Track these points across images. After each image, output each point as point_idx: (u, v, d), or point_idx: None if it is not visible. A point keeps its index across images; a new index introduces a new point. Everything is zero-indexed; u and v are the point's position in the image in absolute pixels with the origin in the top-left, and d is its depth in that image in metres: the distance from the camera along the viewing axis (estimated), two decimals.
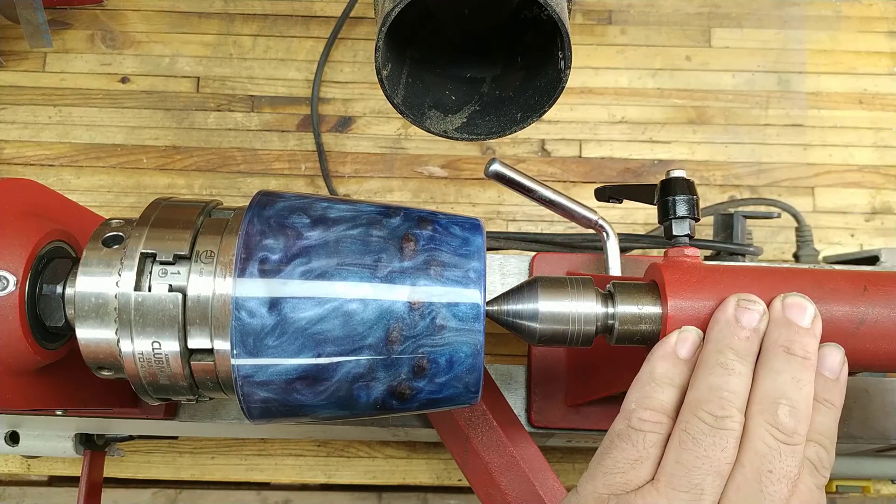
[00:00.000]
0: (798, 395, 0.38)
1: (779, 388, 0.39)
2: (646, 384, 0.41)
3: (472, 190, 1.00)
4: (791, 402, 0.38)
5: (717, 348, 0.40)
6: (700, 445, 0.38)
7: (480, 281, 0.42)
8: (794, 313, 0.40)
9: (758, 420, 0.38)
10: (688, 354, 0.41)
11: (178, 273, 0.42)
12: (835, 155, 1.02)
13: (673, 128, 1.02)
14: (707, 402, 0.38)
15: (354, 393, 0.41)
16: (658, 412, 0.40)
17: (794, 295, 0.41)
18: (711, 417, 0.38)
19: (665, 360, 0.41)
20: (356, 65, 1.04)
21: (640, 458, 0.39)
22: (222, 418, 0.65)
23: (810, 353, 0.40)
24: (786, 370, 0.39)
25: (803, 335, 0.40)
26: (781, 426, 0.38)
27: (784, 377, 0.39)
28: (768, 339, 0.40)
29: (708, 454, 0.37)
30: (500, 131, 0.53)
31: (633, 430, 0.40)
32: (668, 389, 0.41)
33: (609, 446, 0.41)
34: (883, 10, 1.07)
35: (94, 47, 1.03)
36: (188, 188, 0.99)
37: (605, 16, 1.06)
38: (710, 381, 0.39)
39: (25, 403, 0.48)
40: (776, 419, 0.38)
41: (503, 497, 0.55)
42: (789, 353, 0.39)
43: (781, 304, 0.41)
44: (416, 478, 0.91)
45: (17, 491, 0.91)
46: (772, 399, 0.38)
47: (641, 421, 0.40)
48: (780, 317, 0.41)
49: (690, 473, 0.37)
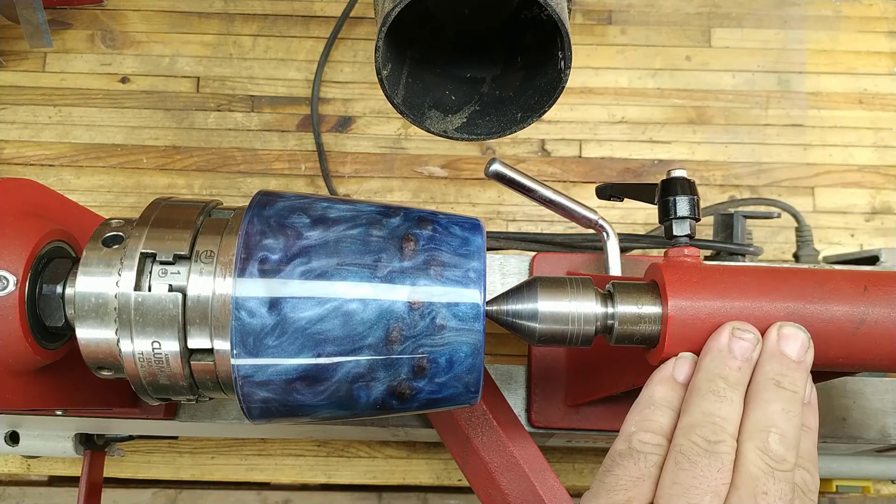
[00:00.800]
0: (787, 426, 0.39)
1: (769, 417, 0.39)
2: (645, 408, 0.42)
3: (472, 190, 1.00)
4: (781, 431, 0.39)
5: (709, 377, 0.41)
6: (696, 466, 0.38)
7: (480, 281, 0.42)
8: (788, 345, 0.41)
9: (749, 446, 0.39)
10: (685, 378, 0.42)
11: (177, 273, 0.42)
12: (835, 155, 1.02)
13: (673, 128, 1.02)
14: (700, 426, 0.39)
15: (354, 393, 0.41)
16: (658, 434, 0.41)
17: (789, 325, 0.42)
18: (705, 441, 0.39)
19: (663, 384, 0.42)
20: (356, 65, 1.04)
21: (642, 476, 0.40)
22: (222, 418, 0.65)
23: (799, 388, 0.41)
24: (776, 401, 0.40)
25: (794, 369, 0.41)
26: (772, 453, 0.39)
27: (774, 407, 0.40)
28: (761, 369, 0.41)
29: (705, 474, 0.38)
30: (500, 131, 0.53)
31: (635, 451, 0.41)
32: (667, 413, 0.41)
33: (611, 465, 0.41)
34: (883, 10, 1.07)
35: (94, 47, 1.03)
36: (188, 188, 0.99)
37: (605, 16, 1.06)
38: (703, 406, 0.40)
39: (25, 403, 0.48)
40: (767, 446, 0.39)
41: (503, 497, 0.55)
42: (780, 387, 0.40)
43: (777, 334, 0.41)
44: (416, 478, 0.91)
45: (17, 491, 0.91)
46: (762, 428, 0.39)
47: (642, 443, 0.41)
48: (774, 348, 0.41)
49: (688, 493, 0.38)
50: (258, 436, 0.90)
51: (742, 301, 0.42)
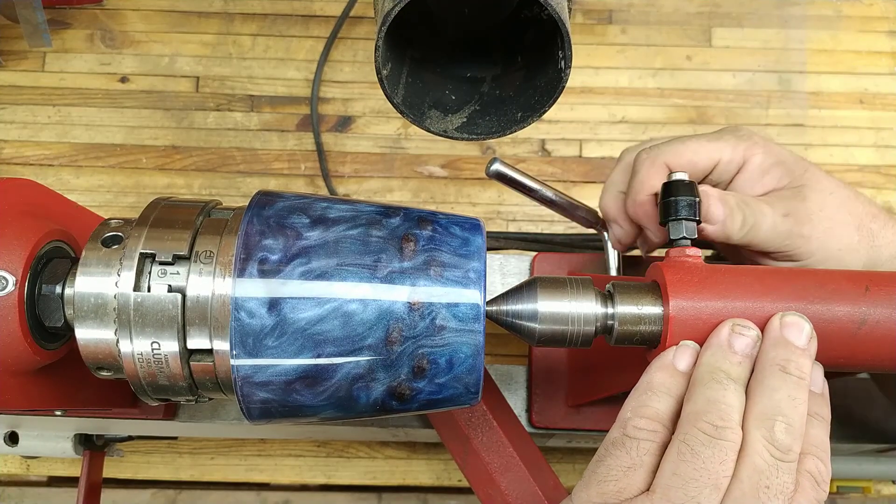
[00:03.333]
0: (794, 413, 0.39)
1: (775, 405, 0.39)
2: (642, 394, 0.41)
3: (472, 190, 1.00)
4: (787, 420, 0.38)
5: (710, 370, 0.40)
6: (698, 457, 0.38)
7: (480, 281, 0.41)
8: (792, 333, 0.41)
9: (755, 436, 0.38)
10: (685, 367, 0.41)
11: (177, 273, 0.42)
12: (835, 155, 1.02)
13: (674, 127, 1.02)
14: (706, 413, 0.39)
15: (354, 393, 0.41)
16: (653, 420, 0.40)
17: (791, 314, 0.41)
18: (711, 427, 0.38)
19: (662, 370, 0.42)
20: (356, 64, 1.04)
21: (633, 465, 0.39)
22: (222, 419, 0.65)
23: (805, 374, 0.40)
24: (782, 388, 0.39)
25: (799, 355, 0.40)
26: (778, 442, 0.38)
27: (780, 395, 0.39)
28: (764, 356, 0.40)
29: (706, 466, 0.37)
30: (500, 131, 0.52)
31: (628, 438, 0.40)
32: (665, 399, 0.41)
33: (603, 454, 0.41)
34: (883, 10, 1.07)
35: (93, 47, 1.03)
36: (187, 188, 0.99)
37: (605, 15, 1.06)
38: (708, 394, 0.39)
39: (25, 403, 0.47)
40: (773, 435, 0.38)
41: (503, 497, 0.55)
42: (785, 372, 0.40)
43: (779, 322, 0.41)
44: (416, 478, 0.91)
45: (17, 491, 0.90)
46: (768, 416, 0.39)
47: (636, 429, 0.40)
48: (778, 335, 0.41)
49: (687, 485, 0.37)
50: (258, 436, 0.90)
51: (744, 301, 0.42)
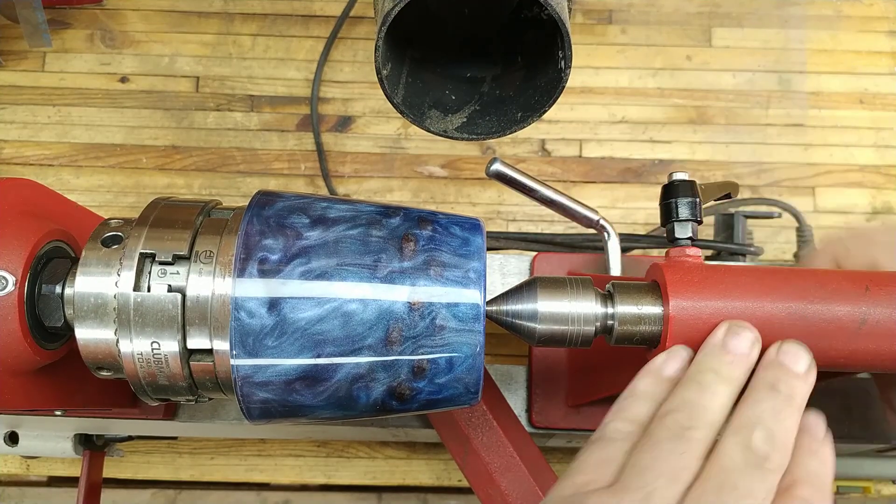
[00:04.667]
0: (776, 426, 0.37)
1: (757, 414, 0.38)
2: (625, 398, 0.41)
3: (472, 190, 1.00)
4: (767, 429, 0.37)
5: (699, 369, 0.40)
6: (657, 448, 0.37)
7: (480, 281, 0.41)
8: (788, 358, 0.40)
9: (730, 440, 0.37)
10: (672, 373, 0.41)
11: (177, 273, 0.42)
12: (836, 155, 1.02)
13: (674, 127, 1.02)
14: (676, 412, 0.38)
15: (354, 393, 0.41)
16: (631, 423, 0.40)
17: (791, 342, 0.41)
18: (677, 426, 0.37)
19: (649, 376, 0.41)
20: (356, 64, 1.04)
21: (605, 460, 0.39)
22: (222, 419, 0.65)
23: (796, 394, 0.39)
24: (766, 401, 0.38)
25: (792, 377, 0.39)
26: (753, 448, 0.36)
27: (764, 406, 0.38)
28: (756, 378, 0.40)
29: (664, 457, 0.36)
30: (500, 131, 0.52)
31: (605, 437, 0.40)
32: (646, 404, 0.40)
33: (581, 452, 0.40)
34: (883, 10, 1.07)
35: (93, 47, 1.03)
36: (187, 188, 0.99)
37: (605, 15, 1.06)
38: (684, 395, 0.39)
39: (25, 403, 0.47)
40: (749, 441, 0.37)
41: (503, 498, 0.55)
42: (774, 389, 0.39)
43: (777, 349, 0.40)
44: (416, 478, 0.91)
45: (17, 491, 0.90)
46: (747, 424, 0.37)
47: (614, 430, 0.40)
48: (773, 359, 0.40)
49: (642, 474, 0.36)
50: (258, 436, 0.90)
51: (744, 301, 0.42)
